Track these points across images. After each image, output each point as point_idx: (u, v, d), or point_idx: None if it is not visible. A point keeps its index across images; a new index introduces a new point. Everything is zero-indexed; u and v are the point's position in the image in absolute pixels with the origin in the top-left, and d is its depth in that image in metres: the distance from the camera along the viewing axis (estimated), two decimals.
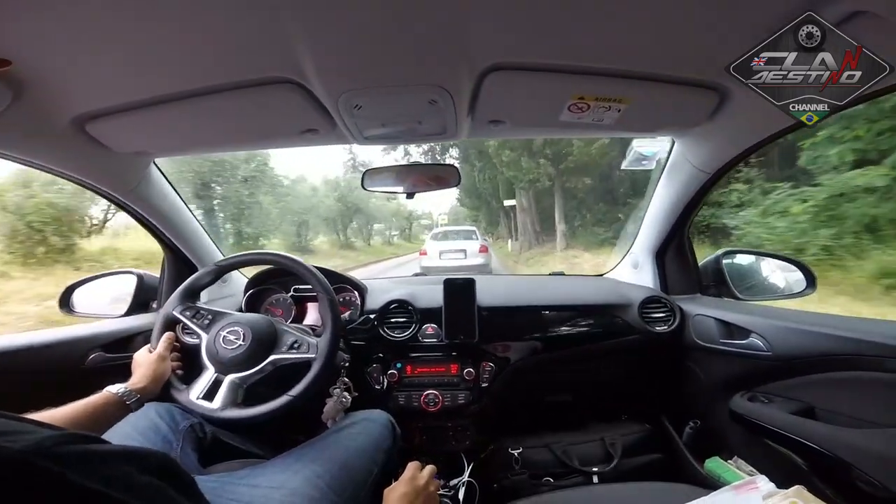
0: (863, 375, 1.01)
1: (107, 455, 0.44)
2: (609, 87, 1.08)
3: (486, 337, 1.62)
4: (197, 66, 0.96)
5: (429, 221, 38.47)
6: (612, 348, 1.70)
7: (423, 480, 0.98)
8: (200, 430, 1.22)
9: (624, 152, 1.63)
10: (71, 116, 1.10)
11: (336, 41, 0.87)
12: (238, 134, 1.35)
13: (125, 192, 1.45)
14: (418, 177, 1.57)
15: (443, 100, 1.10)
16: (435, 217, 37.86)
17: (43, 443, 0.38)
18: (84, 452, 0.41)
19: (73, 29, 0.80)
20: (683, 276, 1.75)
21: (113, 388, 1.00)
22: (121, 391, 1.00)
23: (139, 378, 1.09)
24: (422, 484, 0.97)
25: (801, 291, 1.55)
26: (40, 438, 0.38)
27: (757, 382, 1.31)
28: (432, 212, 39.73)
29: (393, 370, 1.62)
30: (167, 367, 1.17)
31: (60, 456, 0.38)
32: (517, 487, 1.64)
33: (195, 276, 1.34)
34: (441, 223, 34.23)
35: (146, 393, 1.06)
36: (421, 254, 12.39)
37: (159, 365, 1.15)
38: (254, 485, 1.00)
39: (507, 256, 20.52)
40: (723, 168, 1.40)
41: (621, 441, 1.71)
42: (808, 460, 1.10)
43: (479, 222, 28.87)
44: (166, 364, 1.17)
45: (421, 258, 12.13)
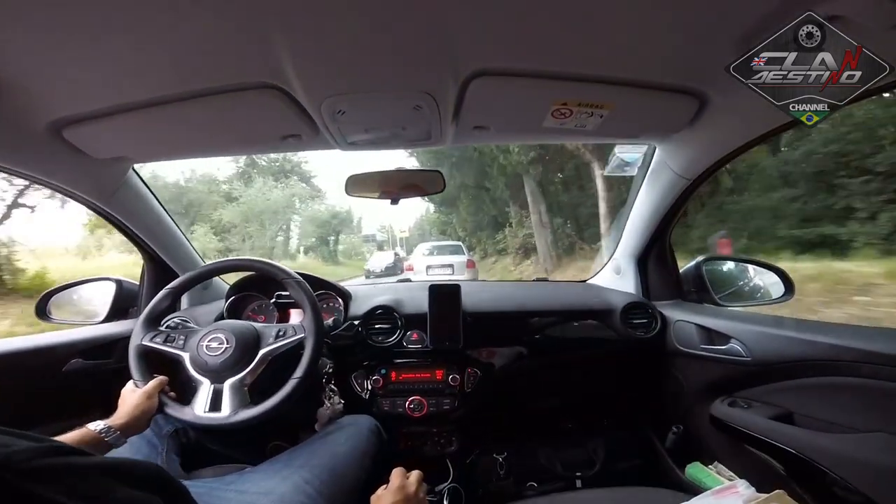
0: (840, 381, 1.03)
1: (85, 468, 0.43)
2: (592, 93, 1.09)
3: (471, 343, 1.62)
4: (177, 70, 0.95)
5: (384, 236, 36.04)
6: (594, 354, 1.71)
7: (413, 488, 0.96)
8: (184, 434, 1.21)
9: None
10: (47, 121, 1.08)
11: (319, 46, 0.87)
12: (219, 139, 1.34)
13: (104, 198, 1.43)
14: (403, 182, 1.56)
15: (427, 105, 1.10)
16: (395, 231, 35.73)
17: (14, 456, 0.37)
18: (60, 466, 0.40)
19: (50, 32, 0.79)
20: (665, 281, 1.77)
21: (93, 425, 0.96)
22: (100, 428, 0.95)
23: (122, 415, 1.04)
24: (412, 491, 0.95)
25: (780, 297, 1.57)
26: (14, 451, 0.38)
27: (737, 388, 1.32)
28: (392, 225, 37.20)
29: (377, 376, 1.61)
30: (154, 403, 1.11)
31: (32, 471, 0.37)
32: (502, 493, 1.65)
33: (153, 302, 1.29)
34: (401, 236, 32.89)
35: (128, 429, 1.02)
36: (407, 268, 12.75)
37: (145, 402, 1.09)
38: (242, 490, 0.99)
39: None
40: (703, 174, 1.42)
41: (604, 446, 1.73)
42: (787, 465, 1.12)
43: (453, 230, 23.70)
44: (153, 401, 1.11)
45: (407, 273, 12.37)
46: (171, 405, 1.14)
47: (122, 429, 1.00)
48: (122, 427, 1.00)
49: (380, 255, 18.90)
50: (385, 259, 17.69)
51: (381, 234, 38.07)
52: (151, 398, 1.11)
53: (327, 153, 1.43)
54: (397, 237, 32.78)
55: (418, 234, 37.63)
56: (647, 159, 1.55)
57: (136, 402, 1.08)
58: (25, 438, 0.43)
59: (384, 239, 34.46)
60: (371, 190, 1.56)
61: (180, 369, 1.19)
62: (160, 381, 1.16)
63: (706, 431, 1.40)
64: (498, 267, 16.88)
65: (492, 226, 18.73)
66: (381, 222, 47.24)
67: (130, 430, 1.03)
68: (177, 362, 1.19)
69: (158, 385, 1.14)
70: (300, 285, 1.28)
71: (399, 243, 30.26)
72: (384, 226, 41.53)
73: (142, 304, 1.69)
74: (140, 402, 1.08)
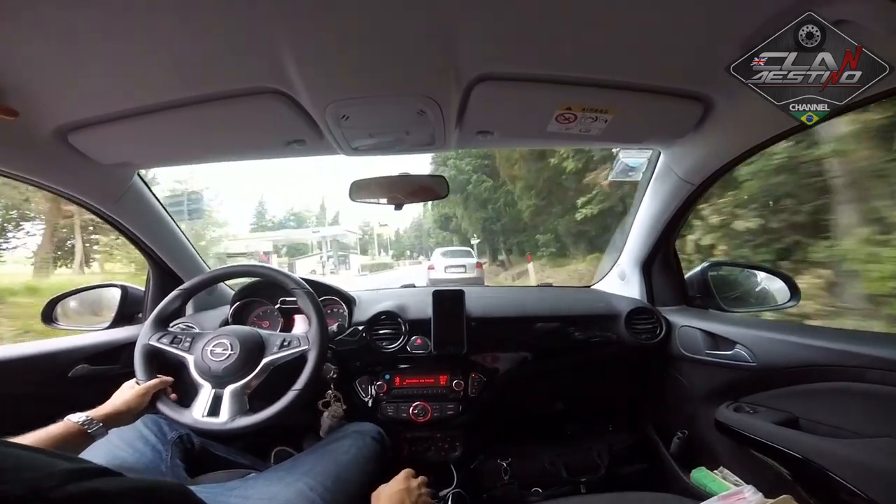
0: (845, 386, 1.02)
1: (118, 494, 0.41)
2: (596, 98, 1.09)
3: (475, 348, 1.62)
4: (182, 76, 0.96)
5: (356, 235, 33.61)
6: (599, 359, 1.71)
7: (416, 483, 1.02)
8: (188, 440, 1.21)
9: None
10: (53, 127, 1.09)
11: (323, 51, 0.87)
12: (224, 145, 1.35)
13: (109, 204, 1.44)
14: (407, 188, 1.56)
15: (431, 110, 1.10)
16: (375, 228, 33.90)
17: (42, 483, 0.35)
18: (90, 493, 0.38)
19: (55, 38, 0.80)
20: (670, 287, 1.76)
21: (74, 416, 0.96)
22: (82, 420, 0.95)
23: (107, 406, 1.05)
24: (414, 485, 1.01)
25: (785, 303, 1.56)
26: (40, 477, 0.36)
27: (742, 393, 1.32)
28: (373, 223, 34.88)
29: (381, 381, 1.62)
30: (144, 402, 1.12)
31: (62, 500, 0.36)
32: (506, 497, 1.64)
33: (164, 302, 1.31)
34: (381, 232, 31.77)
35: (109, 421, 1.02)
36: (429, 268, 15.08)
37: (134, 399, 1.10)
38: (246, 496, 0.99)
39: None
40: (708, 179, 1.41)
41: (608, 451, 1.72)
42: (793, 470, 1.11)
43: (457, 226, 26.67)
44: (143, 400, 1.12)
45: (429, 272, 14.69)
46: (170, 408, 1.14)
47: (104, 420, 1.00)
48: (103, 418, 1.00)
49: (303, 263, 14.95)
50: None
51: (351, 232, 34.58)
52: (143, 396, 1.12)
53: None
54: (375, 236, 30.84)
55: (415, 235, 36.60)
56: (652, 164, 1.55)
57: (126, 397, 1.10)
58: (47, 455, 0.42)
59: (358, 239, 31.78)
60: (375, 195, 1.55)
61: (183, 372, 1.19)
62: (159, 382, 1.17)
63: (711, 436, 1.39)
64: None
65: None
66: (363, 218, 45.38)
67: (111, 421, 1.03)
68: (181, 365, 1.20)
69: (155, 385, 1.15)
70: (309, 296, 1.28)
71: (379, 245, 28.94)
72: (366, 223, 39.31)
73: (147, 309, 1.70)
74: (130, 399, 1.10)
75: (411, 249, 60.88)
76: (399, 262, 48.03)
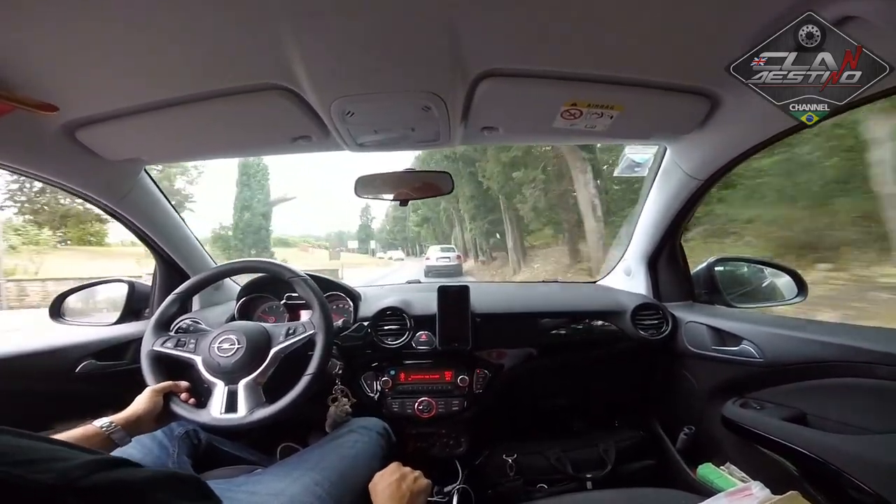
0: (853, 382, 1.02)
1: (141, 484, 0.43)
2: (602, 94, 1.09)
3: (480, 344, 1.62)
4: (188, 72, 0.96)
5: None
6: (605, 355, 1.70)
7: (408, 470, 1.08)
8: (195, 436, 1.22)
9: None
10: (60, 123, 1.10)
11: (328, 47, 0.87)
12: (230, 141, 1.35)
13: (116, 200, 1.44)
14: (411, 183, 1.57)
15: (436, 106, 1.10)
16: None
17: (70, 473, 0.38)
18: (115, 483, 0.41)
19: (62, 34, 0.80)
20: (676, 283, 1.76)
21: (98, 422, 0.96)
22: (104, 425, 0.95)
23: (127, 413, 1.04)
24: (407, 472, 1.07)
25: (792, 298, 1.56)
26: (69, 468, 0.38)
27: (749, 389, 1.32)
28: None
29: (386, 377, 1.62)
30: (157, 403, 1.09)
31: (90, 489, 0.38)
32: (512, 494, 1.64)
33: (161, 308, 1.29)
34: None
35: (130, 427, 1.01)
36: (426, 258, 21.63)
37: (148, 401, 1.09)
38: (252, 492, 0.99)
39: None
40: (714, 175, 1.41)
41: (615, 447, 1.71)
42: (801, 466, 1.11)
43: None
44: (157, 401, 1.10)
45: (426, 261, 21.12)
46: (185, 409, 1.12)
47: (126, 427, 0.99)
48: (125, 425, 1.00)
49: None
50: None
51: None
52: (154, 397, 1.10)
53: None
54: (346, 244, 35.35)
55: (398, 230, 43.63)
56: (658, 160, 1.55)
57: (141, 401, 1.09)
58: (72, 448, 0.43)
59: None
60: (381, 191, 1.56)
61: (194, 373, 1.19)
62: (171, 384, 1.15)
63: (718, 432, 1.39)
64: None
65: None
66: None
67: (133, 428, 1.02)
68: (190, 366, 1.19)
69: (166, 386, 1.14)
70: (307, 283, 1.28)
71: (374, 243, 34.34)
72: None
73: (154, 305, 1.71)
74: (144, 402, 1.09)
75: (401, 244, 69.81)
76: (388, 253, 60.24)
